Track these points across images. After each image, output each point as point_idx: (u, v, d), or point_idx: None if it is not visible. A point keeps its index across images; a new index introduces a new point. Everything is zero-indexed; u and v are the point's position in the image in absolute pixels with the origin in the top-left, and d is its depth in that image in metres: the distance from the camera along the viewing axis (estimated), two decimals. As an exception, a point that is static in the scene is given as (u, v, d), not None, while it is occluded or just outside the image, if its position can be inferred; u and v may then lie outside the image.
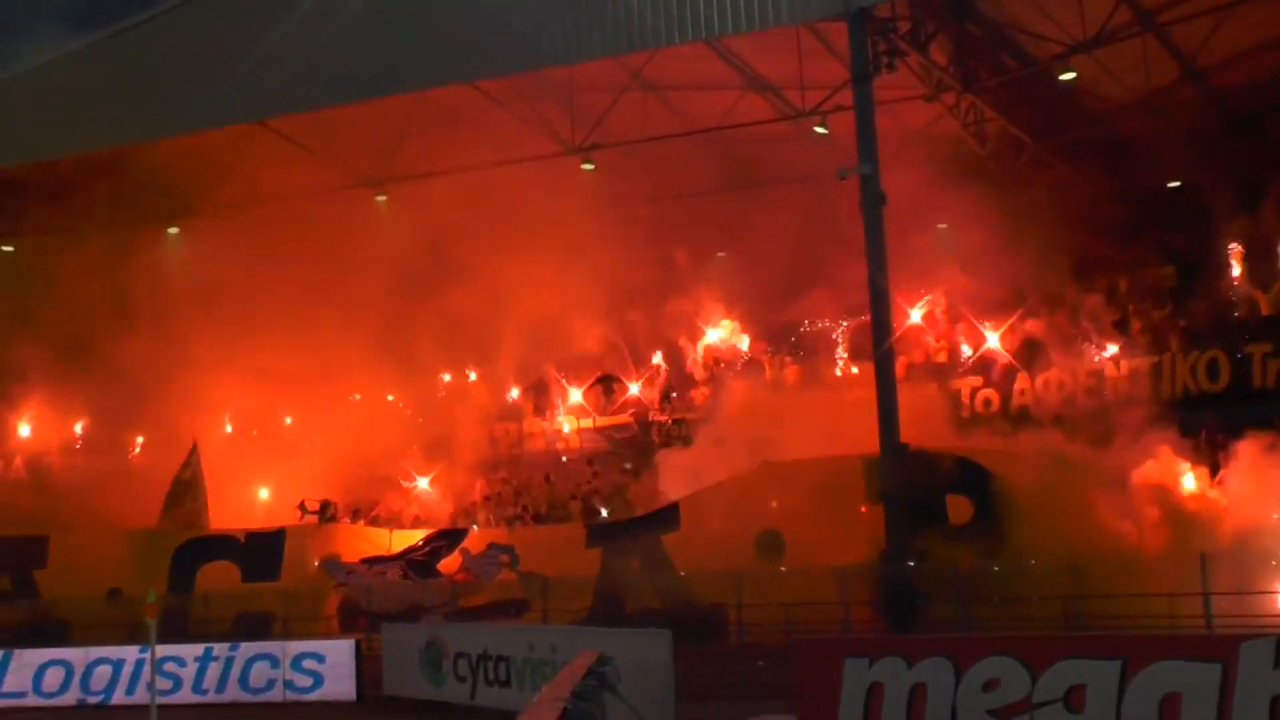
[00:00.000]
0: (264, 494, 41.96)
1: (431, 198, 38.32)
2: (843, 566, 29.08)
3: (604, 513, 37.55)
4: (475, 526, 37.37)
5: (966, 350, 37.97)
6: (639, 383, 42.67)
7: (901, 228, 30.92)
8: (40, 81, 37.49)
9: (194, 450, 39.59)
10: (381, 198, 39.28)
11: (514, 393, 44.81)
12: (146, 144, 37.83)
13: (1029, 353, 36.25)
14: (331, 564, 35.88)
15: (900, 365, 32.97)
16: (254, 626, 33.46)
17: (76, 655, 29.40)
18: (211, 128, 35.96)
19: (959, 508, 29.80)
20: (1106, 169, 37.90)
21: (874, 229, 28.80)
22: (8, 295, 39.17)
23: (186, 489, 39.39)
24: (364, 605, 34.25)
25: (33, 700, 29.00)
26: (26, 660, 29.47)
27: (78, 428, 47.37)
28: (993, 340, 37.07)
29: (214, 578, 35.92)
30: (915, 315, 38.56)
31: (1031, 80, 36.09)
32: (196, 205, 40.75)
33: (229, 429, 43.25)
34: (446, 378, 45.82)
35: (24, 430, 46.37)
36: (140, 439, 46.36)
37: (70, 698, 28.86)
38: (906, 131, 37.42)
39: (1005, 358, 36.65)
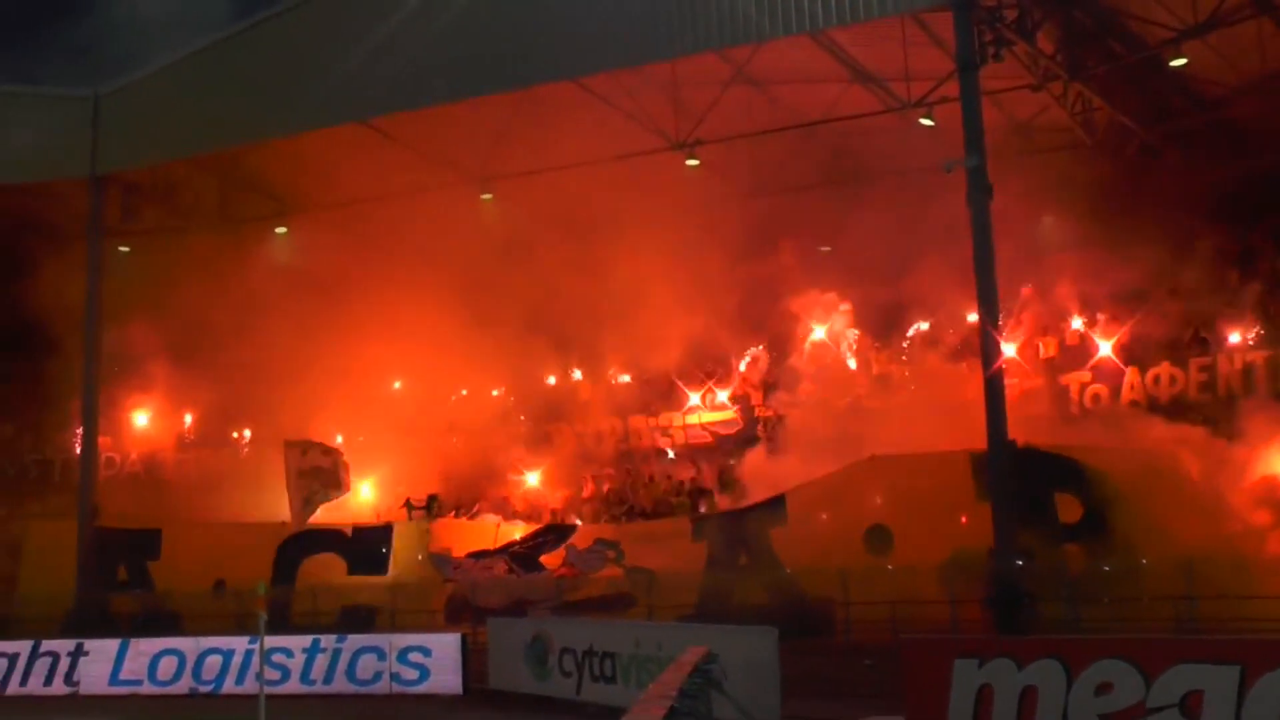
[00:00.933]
0: (366, 490, 42.30)
1: (536, 195, 38.60)
2: (949, 564, 28.76)
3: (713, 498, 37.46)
4: (579, 522, 37.45)
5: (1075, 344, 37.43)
6: (733, 382, 42.64)
7: (1009, 219, 30.48)
8: (151, 89, 38.35)
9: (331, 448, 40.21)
10: (487, 195, 39.31)
11: (623, 378, 44.81)
12: (254, 145, 38.32)
13: (1139, 347, 35.75)
14: (440, 559, 36.18)
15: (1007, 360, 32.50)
16: (359, 620, 33.78)
17: (189, 645, 30.03)
18: (318, 128, 36.26)
19: (1068, 505, 29.41)
20: (1220, 156, 37.10)
21: (981, 222, 28.39)
22: (123, 294, 39.64)
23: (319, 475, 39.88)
24: (470, 599, 34.44)
25: (148, 688, 29.71)
26: (142, 649, 30.24)
27: (187, 420, 48.10)
28: (1105, 333, 36.52)
29: (318, 571, 36.43)
30: (1022, 310, 38.03)
31: (1141, 67, 35.39)
32: (303, 204, 41.07)
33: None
34: (552, 380, 45.93)
35: (140, 423, 47.12)
36: (248, 433, 47.03)
37: (182, 686, 29.53)
38: (1013, 121, 37.03)
39: (1114, 352, 36.10)
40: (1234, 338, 34.91)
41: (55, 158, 38.70)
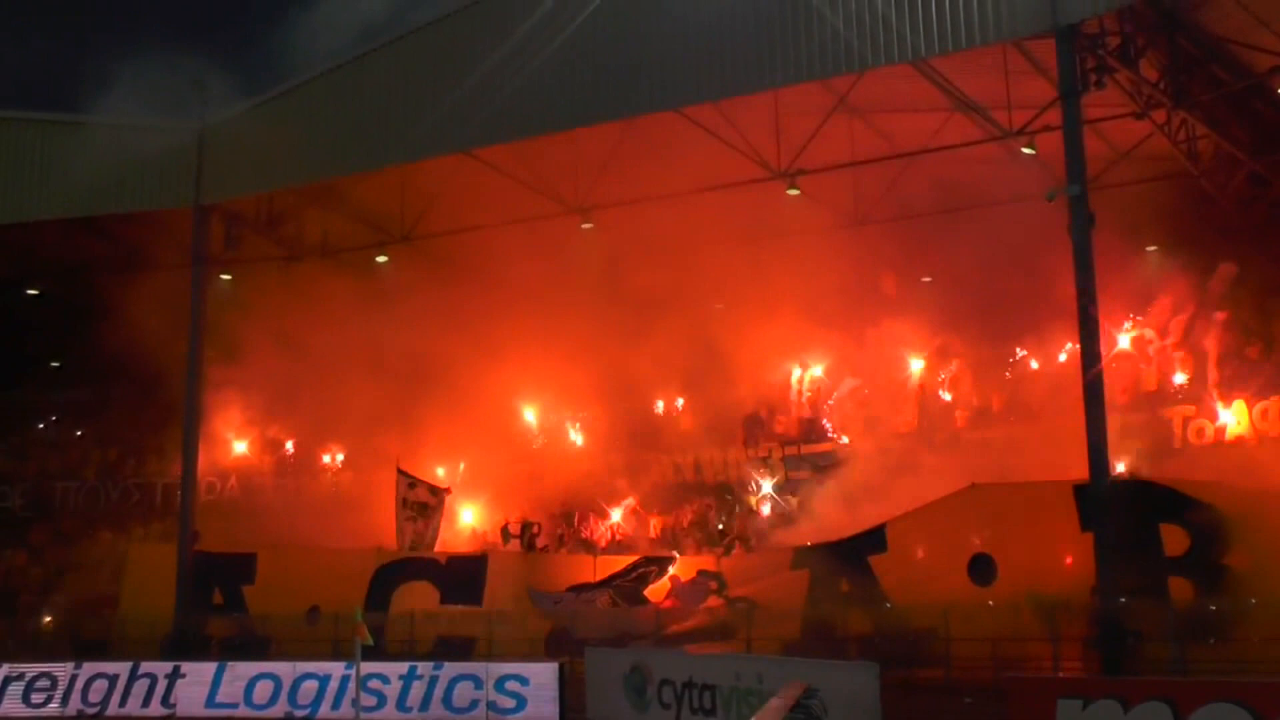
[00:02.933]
0: (469, 515, 42.44)
1: (638, 225, 38.57)
2: (1052, 599, 28.34)
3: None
4: (677, 554, 37.38)
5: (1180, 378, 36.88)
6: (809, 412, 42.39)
7: (1111, 249, 30.13)
8: (256, 120, 38.78)
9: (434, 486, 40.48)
10: (588, 225, 39.33)
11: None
12: (356, 177, 38.77)
13: (1244, 381, 35.12)
14: (538, 595, 36.09)
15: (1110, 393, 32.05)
16: (455, 648, 33.82)
17: (285, 669, 30.01)
18: (421, 160, 36.72)
19: (1173, 538, 28.88)
20: None
21: (1083, 251, 28.21)
22: (225, 321, 40.21)
23: (422, 511, 40.12)
24: (571, 632, 34.36)
25: (244, 711, 29.73)
26: (239, 673, 30.25)
27: (288, 446, 48.63)
28: (1210, 366, 35.89)
29: (412, 599, 36.53)
30: (1124, 341, 37.54)
31: (1247, 94, 34.94)
32: (405, 233, 41.22)
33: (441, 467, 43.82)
34: (660, 406, 45.92)
35: (239, 449, 47.70)
36: (340, 458, 47.51)
37: (278, 710, 29.50)
38: (1116, 150, 36.63)
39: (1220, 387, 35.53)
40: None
41: (160, 187, 39.22)
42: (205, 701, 30.14)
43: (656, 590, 35.62)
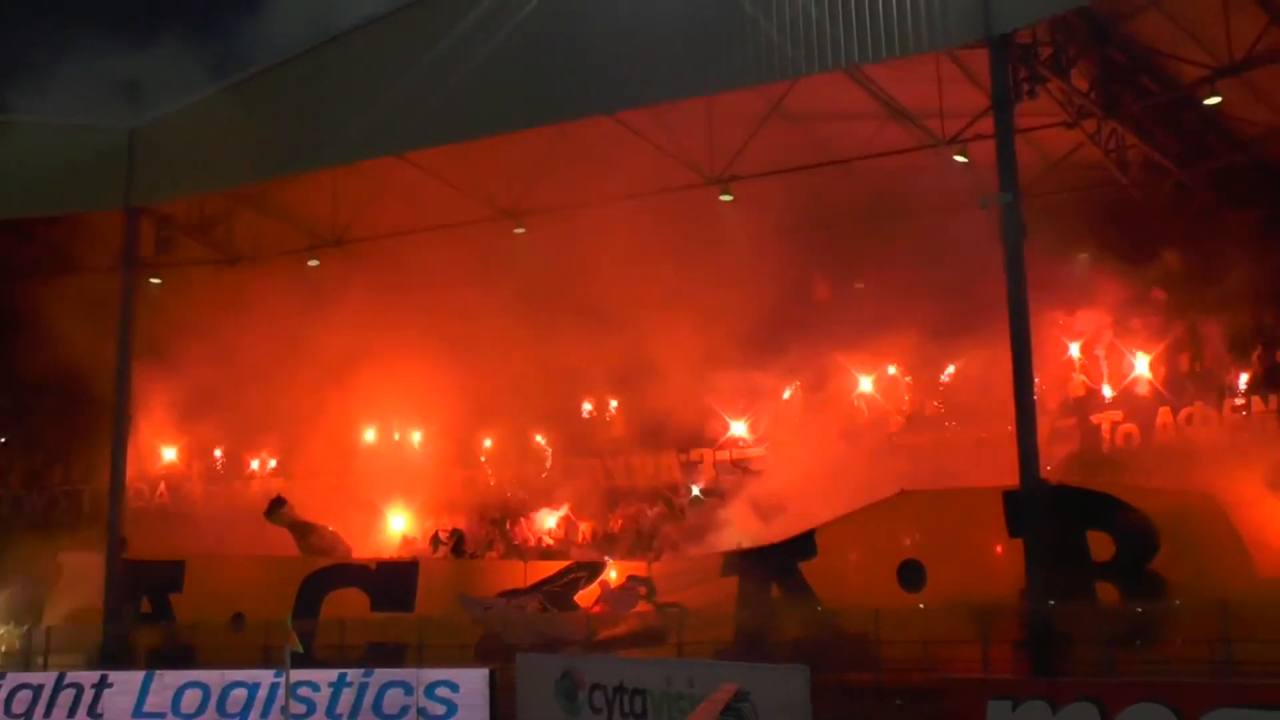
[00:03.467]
0: (397, 524, 42.25)
1: (571, 230, 38.38)
2: (982, 603, 28.35)
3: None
4: (608, 559, 37.29)
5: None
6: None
7: (1042, 257, 30.39)
8: (187, 122, 38.35)
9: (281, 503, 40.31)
10: (520, 230, 39.29)
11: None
12: (288, 179, 38.45)
13: (1172, 387, 35.55)
14: (468, 600, 35.90)
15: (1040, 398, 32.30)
16: (386, 655, 33.56)
17: (214, 678, 30.00)
18: (353, 163, 36.50)
19: (1100, 544, 29.07)
20: (1255, 196, 37.00)
21: (1015, 258, 28.41)
22: (155, 326, 39.81)
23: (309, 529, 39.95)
24: (502, 638, 34.20)
25: (171, 721, 29.35)
26: (167, 682, 30.21)
27: (217, 453, 48.19)
28: (1138, 371, 36.42)
29: (342, 606, 36.23)
30: (1057, 347, 37.85)
31: (1176, 105, 35.28)
32: (336, 237, 41.01)
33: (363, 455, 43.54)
34: (587, 406, 45.83)
35: (169, 456, 47.23)
36: (271, 464, 47.18)
37: (207, 719, 29.41)
38: (1047, 159, 36.92)
39: (1147, 391, 35.92)
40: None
41: (89, 189, 38.72)
42: (133, 711, 30.07)
43: (586, 596, 35.46)
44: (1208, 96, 33.33)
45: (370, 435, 45.22)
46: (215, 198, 40.26)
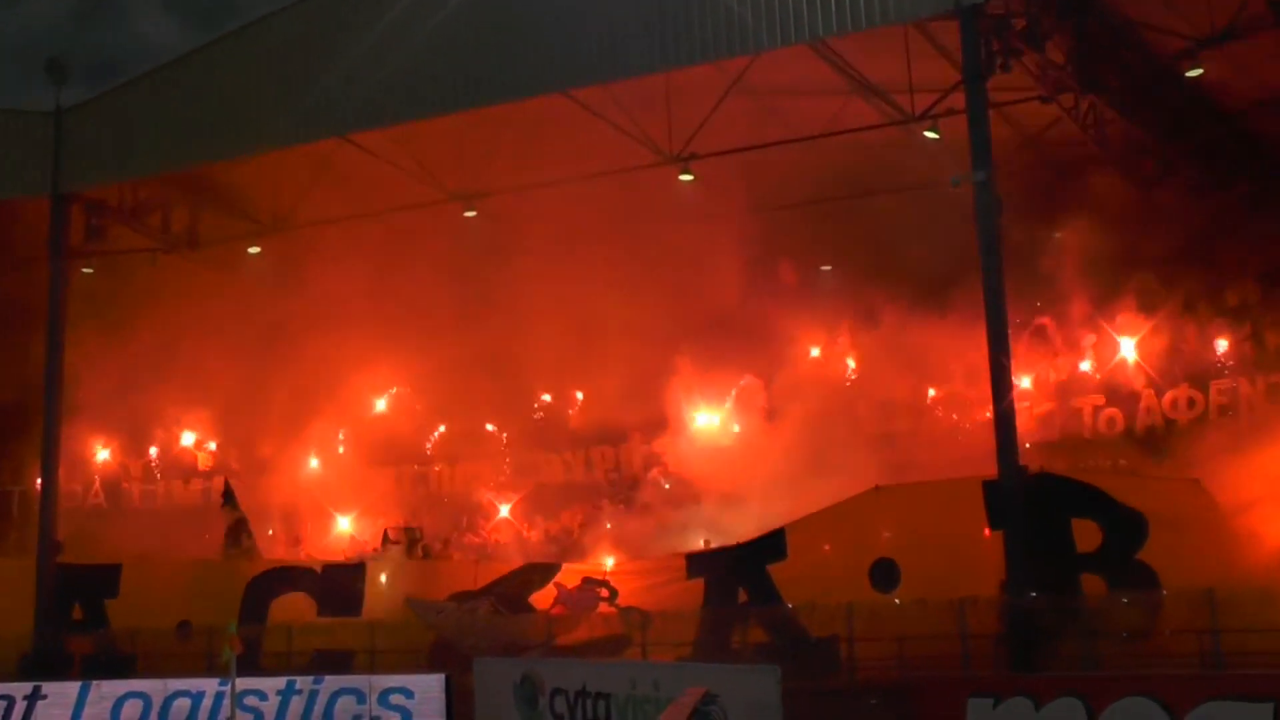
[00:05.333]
0: (345, 523, 41.49)
1: (523, 212, 37.71)
2: (961, 598, 27.41)
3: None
4: (562, 563, 36.31)
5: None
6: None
7: (1019, 236, 29.71)
8: (120, 103, 37.34)
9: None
10: (471, 213, 38.25)
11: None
12: (226, 163, 37.28)
13: (1156, 368, 35.07)
14: (418, 604, 34.76)
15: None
16: (334, 662, 32.73)
17: (155, 688, 28.98)
18: (294, 145, 35.45)
19: (1085, 533, 27.98)
20: (1238, 170, 36.93)
21: (989, 237, 27.68)
22: (88, 317, 38.55)
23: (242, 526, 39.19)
24: (458, 645, 33.05)
25: (111, 733, 28.86)
26: (105, 692, 29.11)
27: (152, 451, 47.25)
28: (1121, 354, 35.97)
29: (288, 611, 35.27)
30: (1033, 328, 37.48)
31: (1156, 79, 34.61)
32: (278, 224, 39.93)
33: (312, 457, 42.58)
34: (546, 398, 44.87)
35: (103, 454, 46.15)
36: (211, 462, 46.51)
37: (149, 731, 28.65)
38: (1023, 135, 36.28)
39: (1130, 375, 35.43)
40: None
41: (15, 174, 37.71)
42: (70, 722, 29.14)
43: (542, 597, 34.38)
44: (1189, 69, 33.12)
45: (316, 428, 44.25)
46: (150, 184, 39.02)
